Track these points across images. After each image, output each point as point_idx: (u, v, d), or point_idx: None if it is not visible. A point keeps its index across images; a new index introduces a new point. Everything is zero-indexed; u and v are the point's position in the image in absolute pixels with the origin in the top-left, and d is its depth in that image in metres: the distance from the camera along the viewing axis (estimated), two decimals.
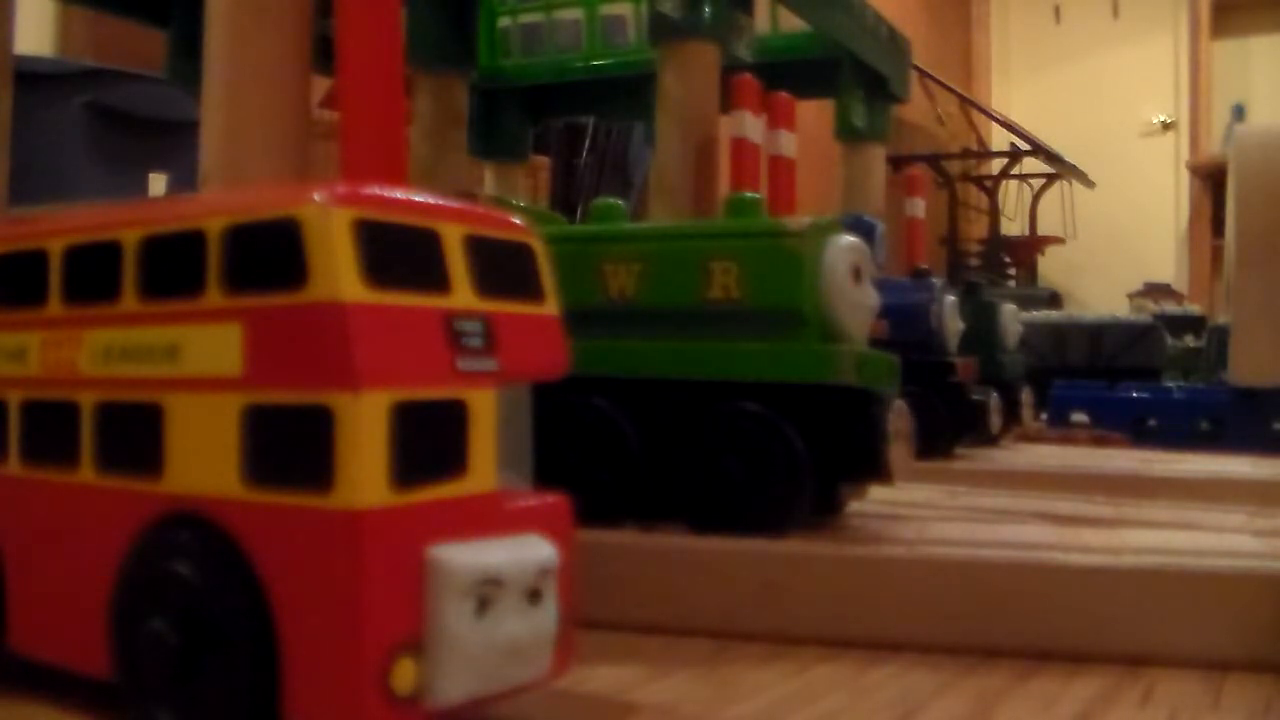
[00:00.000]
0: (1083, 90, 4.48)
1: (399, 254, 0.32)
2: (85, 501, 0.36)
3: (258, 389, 0.32)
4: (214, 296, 0.33)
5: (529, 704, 0.38)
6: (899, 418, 0.57)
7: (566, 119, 1.96)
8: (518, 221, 0.37)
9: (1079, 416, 1.49)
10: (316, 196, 0.31)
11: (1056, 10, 4.65)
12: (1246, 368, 1.34)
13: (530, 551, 0.34)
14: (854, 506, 0.61)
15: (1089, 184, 3.82)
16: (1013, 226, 4.00)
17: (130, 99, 1.48)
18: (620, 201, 0.64)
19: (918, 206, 0.99)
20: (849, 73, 1.00)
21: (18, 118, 0.65)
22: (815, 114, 0.98)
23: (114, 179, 1.43)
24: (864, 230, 0.68)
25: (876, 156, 1.06)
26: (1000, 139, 4.08)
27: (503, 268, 0.36)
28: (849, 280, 0.56)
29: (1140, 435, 1.42)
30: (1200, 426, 1.41)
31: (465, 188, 0.84)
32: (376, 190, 0.33)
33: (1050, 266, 4.17)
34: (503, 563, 0.32)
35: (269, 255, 0.32)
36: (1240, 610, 0.46)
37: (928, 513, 0.65)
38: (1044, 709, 0.41)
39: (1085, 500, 0.73)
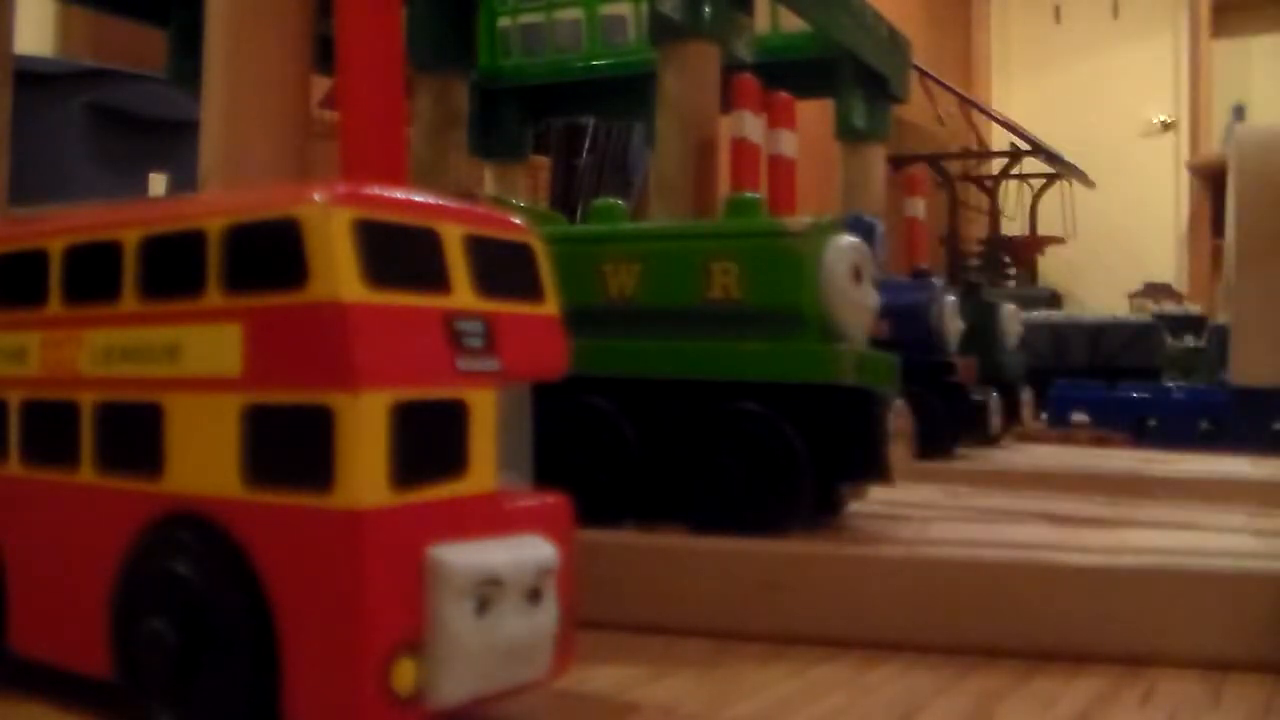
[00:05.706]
0: (1083, 90, 4.48)
1: (399, 254, 0.32)
2: (85, 501, 0.36)
3: (258, 389, 0.32)
4: (214, 296, 0.33)
5: (529, 704, 0.38)
6: (899, 418, 0.57)
7: (566, 119, 1.95)
8: (518, 221, 0.37)
9: (1079, 416, 1.49)
10: (316, 196, 0.31)
11: (1056, 10, 4.65)
12: (1246, 368, 1.34)
13: (530, 551, 0.34)
14: (854, 506, 0.61)
15: (1089, 184, 3.81)
16: (1013, 226, 4.00)
17: (130, 99, 1.48)
18: (620, 201, 0.64)
19: (918, 206, 0.99)
20: (849, 73, 1.00)
21: (18, 118, 0.65)
22: (815, 114, 0.97)
23: (114, 179, 1.43)
24: (864, 230, 0.68)
25: (876, 156, 1.06)
26: (1000, 139, 4.08)
27: (503, 268, 0.36)
28: (849, 280, 0.56)
29: (1140, 435, 1.42)
30: (1200, 426, 1.41)
31: (465, 188, 0.84)
32: (376, 190, 0.33)
33: (1050, 266, 4.17)
34: (503, 563, 0.32)
35: (269, 255, 0.32)
36: (1240, 610, 0.46)
37: (928, 513, 0.65)
38: (1044, 709, 0.41)
39: (1085, 500, 0.73)
